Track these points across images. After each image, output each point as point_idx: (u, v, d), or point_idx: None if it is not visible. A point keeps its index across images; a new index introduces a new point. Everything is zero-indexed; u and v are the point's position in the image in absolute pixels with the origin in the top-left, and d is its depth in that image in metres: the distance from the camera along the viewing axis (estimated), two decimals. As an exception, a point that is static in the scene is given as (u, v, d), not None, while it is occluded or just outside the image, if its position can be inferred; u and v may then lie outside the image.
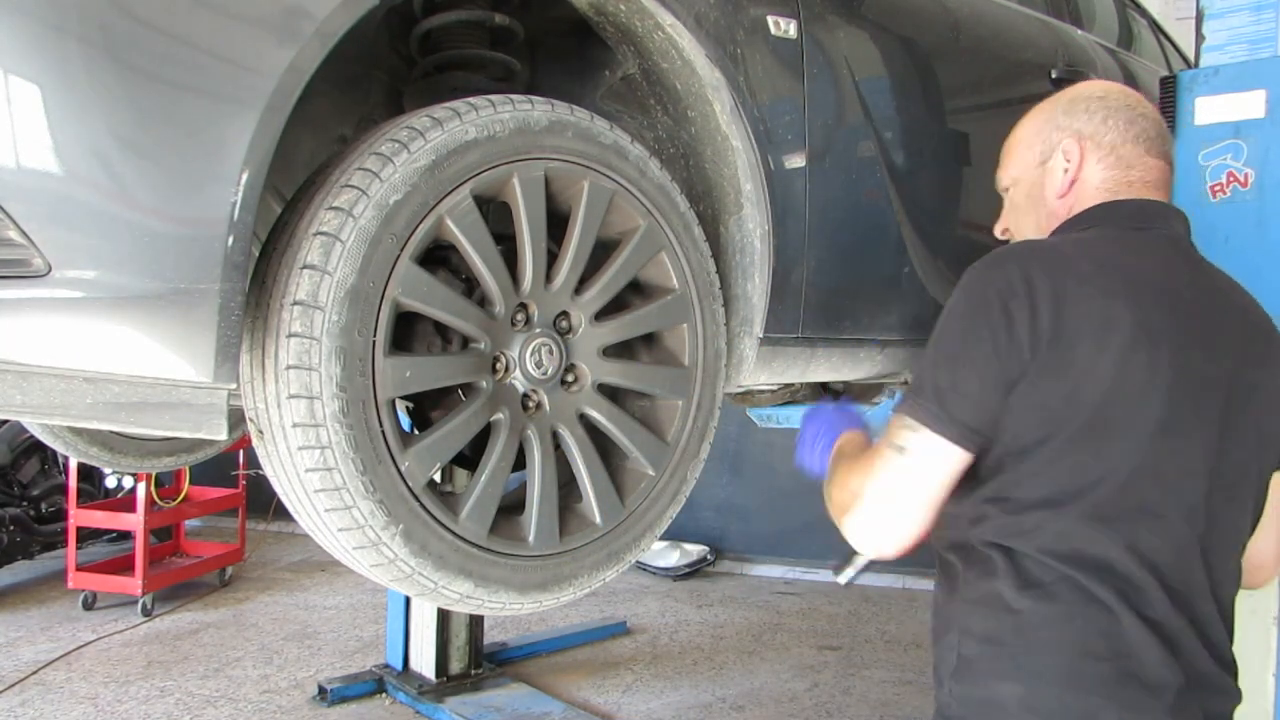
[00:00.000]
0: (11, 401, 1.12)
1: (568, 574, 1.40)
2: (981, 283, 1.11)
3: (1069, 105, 1.27)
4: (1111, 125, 1.23)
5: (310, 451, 1.15)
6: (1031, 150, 1.30)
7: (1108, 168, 1.22)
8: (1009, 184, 1.34)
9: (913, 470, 1.10)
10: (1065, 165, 1.24)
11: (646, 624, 4.54)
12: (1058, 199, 1.25)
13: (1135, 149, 1.22)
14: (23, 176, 1.00)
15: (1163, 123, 1.26)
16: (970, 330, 1.09)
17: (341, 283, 1.15)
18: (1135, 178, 1.22)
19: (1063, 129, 1.26)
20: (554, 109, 1.37)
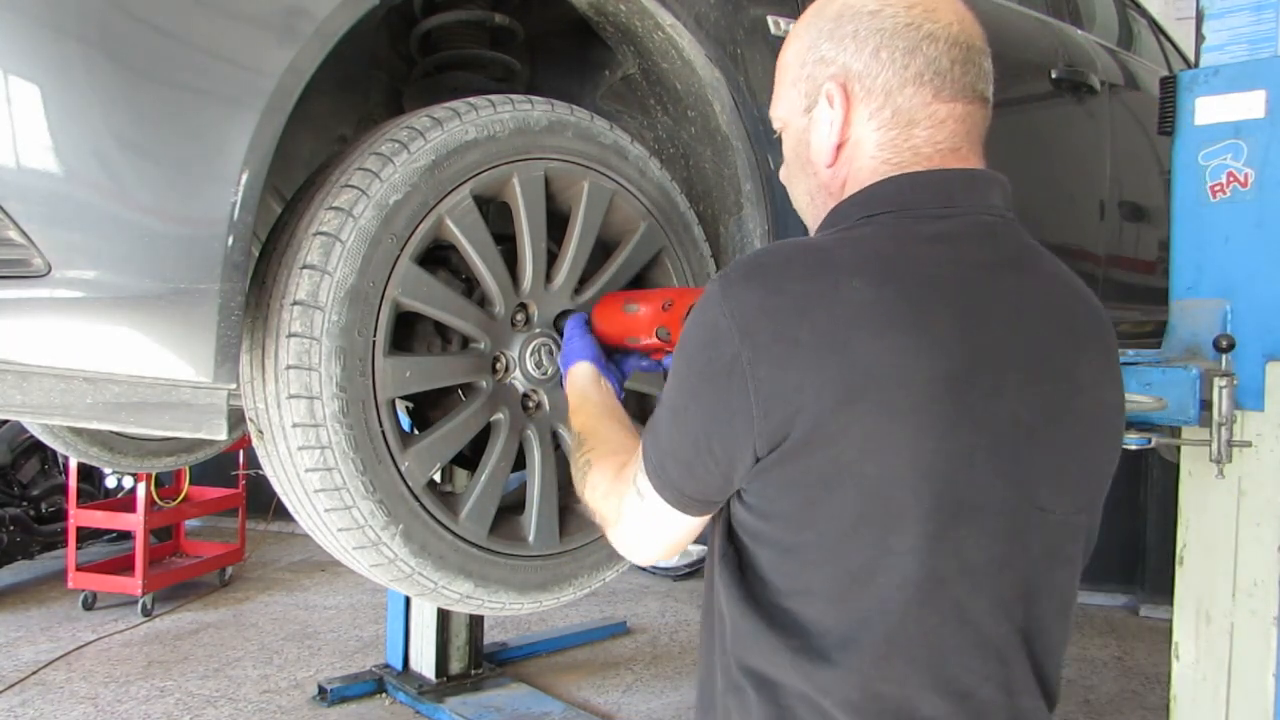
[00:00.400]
0: (11, 401, 1.12)
1: (568, 574, 1.40)
2: (714, 312, 0.81)
3: (834, 25, 0.89)
4: (886, 59, 0.86)
5: (310, 451, 1.15)
6: (795, 87, 0.93)
7: (882, 126, 0.87)
8: (779, 127, 0.99)
9: (650, 518, 0.92)
10: (829, 119, 0.89)
11: (646, 624, 4.53)
12: (826, 168, 0.91)
13: (919, 94, 0.86)
14: (23, 176, 1.00)
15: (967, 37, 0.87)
16: (693, 380, 0.84)
17: (341, 283, 1.15)
18: (922, 139, 0.86)
19: (827, 62, 0.89)
20: (554, 109, 1.37)
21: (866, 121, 0.88)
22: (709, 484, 0.86)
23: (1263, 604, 1.83)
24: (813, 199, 0.96)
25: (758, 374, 0.78)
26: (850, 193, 0.90)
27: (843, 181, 0.91)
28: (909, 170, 0.87)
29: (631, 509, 0.94)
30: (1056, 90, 2.43)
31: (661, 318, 1.24)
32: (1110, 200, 2.67)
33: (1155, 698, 3.54)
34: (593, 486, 1.03)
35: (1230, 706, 1.84)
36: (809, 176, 0.95)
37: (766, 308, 0.79)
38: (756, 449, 0.80)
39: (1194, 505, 1.92)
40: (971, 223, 0.86)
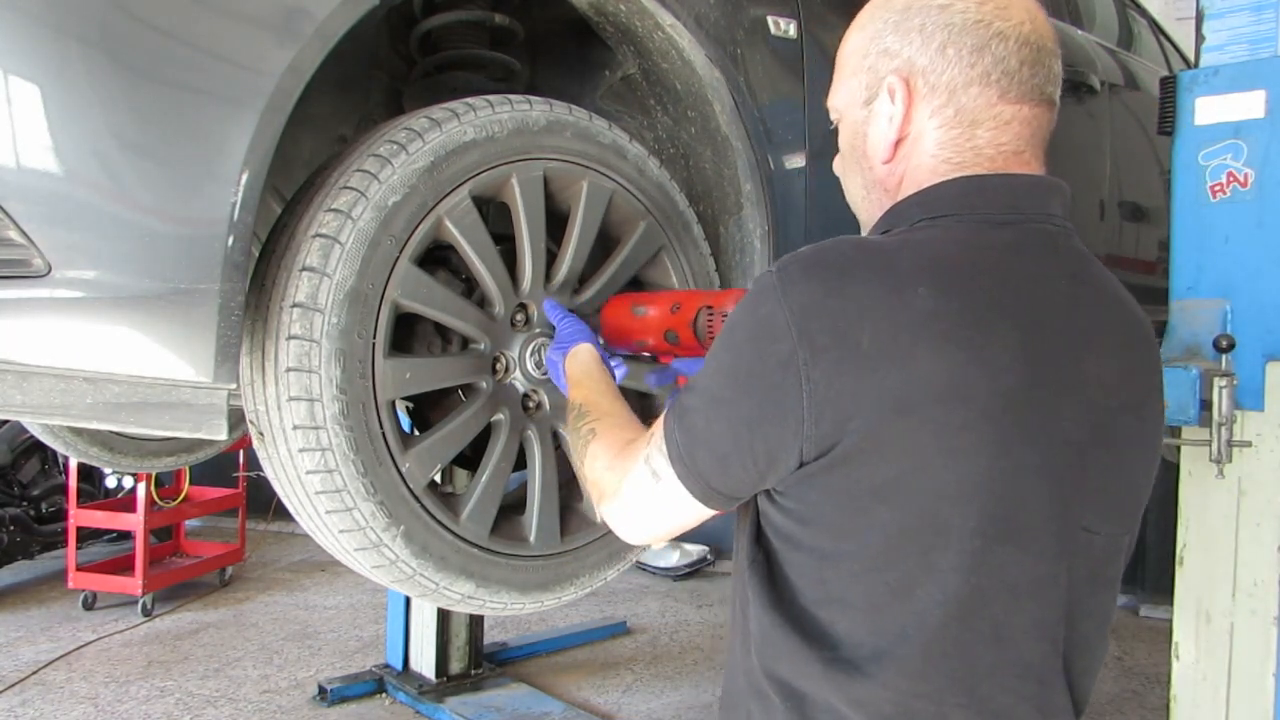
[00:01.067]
0: (11, 401, 1.12)
1: (569, 573, 1.40)
2: (771, 305, 0.78)
3: (901, 16, 0.86)
4: (952, 56, 0.83)
5: (311, 454, 1.15)
6: (856, 78, 0.91)
7: (944, 124, 0.84)
8: (835, 118, 0.97)
9: (662, 502, 0.87)
10: (889, 114, 0.87)
11: (646, 624, 4.53)
12: (883, 164, 0.89)
13: (985, 93, 0.83)
14: (23, 176, 1.00)
15: (1039, 37, 0.84)
16: (742, 373, 0.80)
17: (341, 285, 1.15)
18: (985, 140, 0.84)
19: (891, 54, 0.87)
20: (552, 109, 1.37)
21: (928, 119, 0.86)
22: (742, 481, 0.83)
23: (1263, 604, 1.83)
24: (868, 193, 0.93)
25: (813, 376, 0.75)
26: (907, 190, 0.87)
27: (900, 178, 0.89)
28: (970, 171, 0.84)
29: (639, 488, 0.89)
30: (1056, 90, 2.43)
31: (670, 320, 1.24)
32: (1110, 200, 2.67)
33: (1155, 698, 3.54)
34: (594, 456, 0.98)
35: (1230, 706, 1.84)
36: (864, 171, 0.92)
37: (828, 308, 0.76)
38: (803, 453, 0.77)
39: (1194, 505, 1.92)
40: (1034, 231, 0.83)
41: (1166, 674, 1.96)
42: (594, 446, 1.00)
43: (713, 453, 0.82)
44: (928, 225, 0.83)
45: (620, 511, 0.93)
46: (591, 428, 1.02)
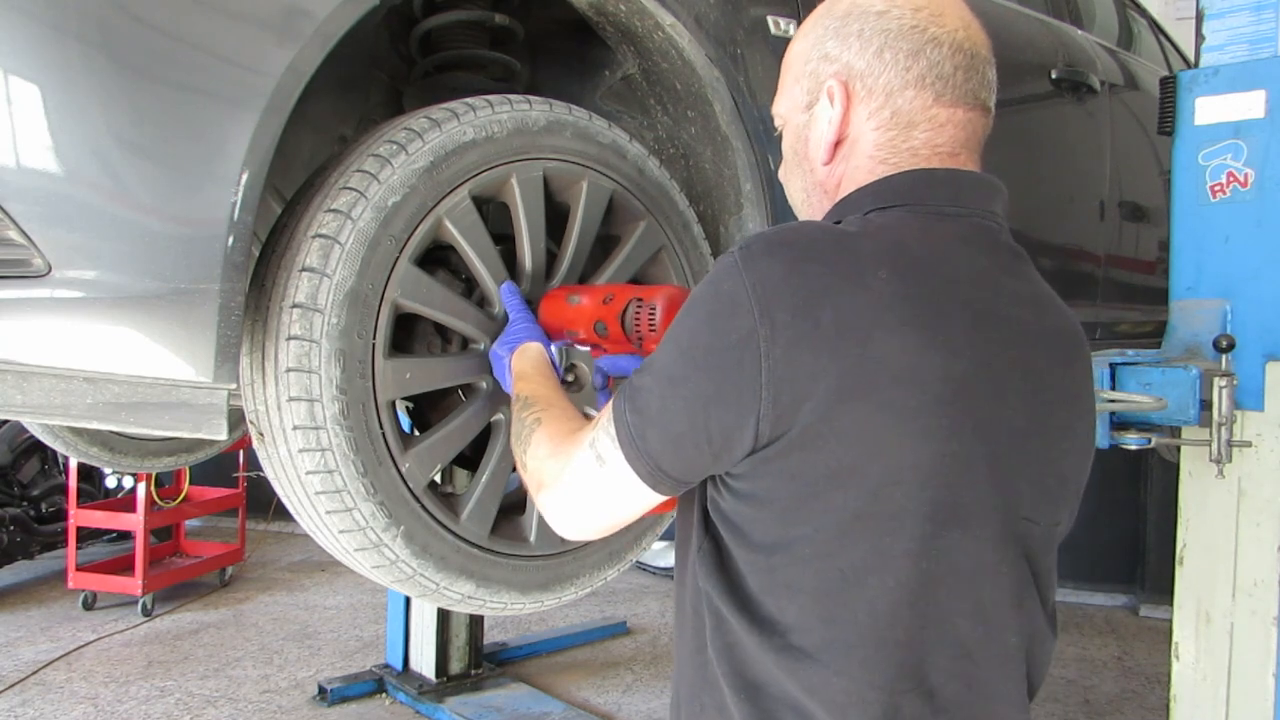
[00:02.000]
0: (11, 401, 1.12)
1: (570, 573, 1.40)
2: (732, 283, 0.77)
3: (841, 22, 0.89)
4: (890, 60, 0.85)
5: (311, 454, 1.15)
6: (798, 84, 0.93)
7: (880, 126, 0.87)
8: (779, 124, 0.98)
9: (604, 488, 0.85)
10: (829, 116, 0.89)
11: (646, 624, 4.53)
12: (823, 166, 0.91)
13: (920, 98, 0.86)
14: (23, 176, 1.00)
15: (972, 44, 0.87)
16: (699, 351, 0.79)
17: (340, 285, 1.15)
18: (920, 141, 0.86)
19: (830, 59, 0.89)
20: (552, 109, 1.37)
21: (865, 120, 0.87)
22: (694, 463, 0.82)
23: (1263, 604, 1.83)
24: (808, 196, 0.95)
25: (772, 353, 0.75)
26: (846, 190, 0.89)
27: (839, 179, 0.90)
28: (902, 169, 0.87)
29: (581, 474, 0.87)
30: (1056, 90, 2.43)
31: (600, 311, 1.21)
32: (1110, 200, 2.67)
33: (1155, 698, 3.54)
34: (536, 444, 0.95)
35: (1230, 706, 1.84)
36: (805, 174, 0.94)
37: (790, 285, 0.76)
38: (759, 434, 0.77)
39: (1194, 505, 1.92)
40: (977, 225, 0.86)
41: (1166, 674, 1.96)
42: (537, 435, 0.96)
43: (665, 433, 0.81)
44: (879, 214, 0.84)
45: (558, 500, 0.89)
46: (537, 417, 0.99)
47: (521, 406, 1.05)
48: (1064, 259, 2.37)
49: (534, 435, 0.97)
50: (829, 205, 0.91)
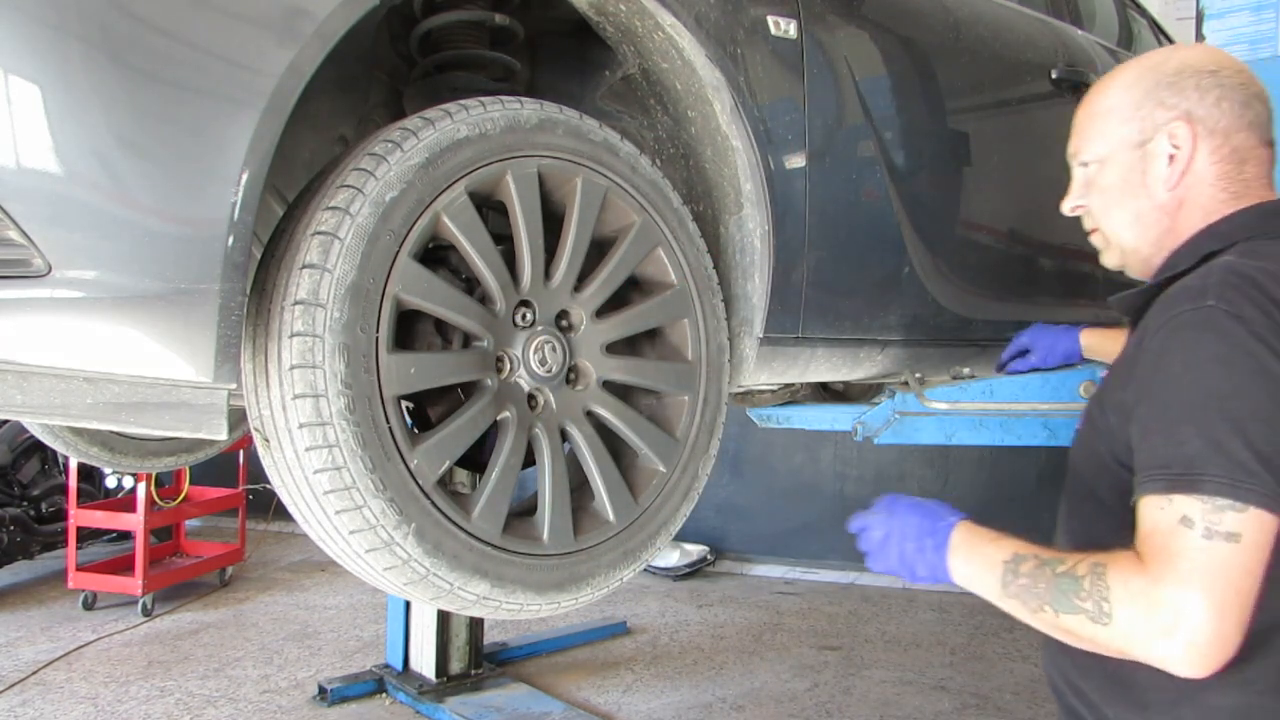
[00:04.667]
0: (11, 401, 1.12)
1: (585, 573, 1.39)
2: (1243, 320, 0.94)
3: (1175, 78, 1.11)
4: (1226, 109, 1.09)
5: (318, 452, 1.14)
6: (1127, 125, 1.14)
7: (1221, 160, 1.10)
8: (1092, 160, 1.19)
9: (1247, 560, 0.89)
10: (1172, 152, 1.10)
11: (646, 624, 4.54)
12: (1166, 191, 1.12)
13: (1249, 138, 1.10)
14: (23, 176, 1.00)
15: (1270, 99, 1.12)
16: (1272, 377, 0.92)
17: (342, 280, 1.15)
18: (1251, 174, 1.10)
19: (1168, 107, 1.11)
20: (543, 107, 1.37)
21: (1207, 156, 1.10)
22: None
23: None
24: (1139, 218, 1.15)
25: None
26: (1188, 211, 1.11)
27: (1179, 203, 1.12)
28: (1243, 199, 1.09)
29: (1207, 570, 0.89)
30: (1056, 90, 2.43)
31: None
32: (1110, 200, 2.67)
33: (1155, 698, 3.53)
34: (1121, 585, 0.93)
35: (1230, 706, 1.84)
36: (1139, 200, 1.14)
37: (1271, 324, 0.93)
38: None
39: (1194, 505, 1.92)
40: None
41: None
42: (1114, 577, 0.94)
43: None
44: (1245, 242, 1.05)
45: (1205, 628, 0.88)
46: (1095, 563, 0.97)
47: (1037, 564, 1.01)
48: (1064, 258, 2.37)
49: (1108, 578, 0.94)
50: (1167, 222, 1.13)
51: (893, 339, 1.92)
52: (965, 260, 2.08)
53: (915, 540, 1.13)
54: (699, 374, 1.53)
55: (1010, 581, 1.02)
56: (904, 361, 2.00)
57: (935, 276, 1.95)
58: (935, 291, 1.96)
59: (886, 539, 1.16)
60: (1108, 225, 1.19)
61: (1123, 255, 1.20)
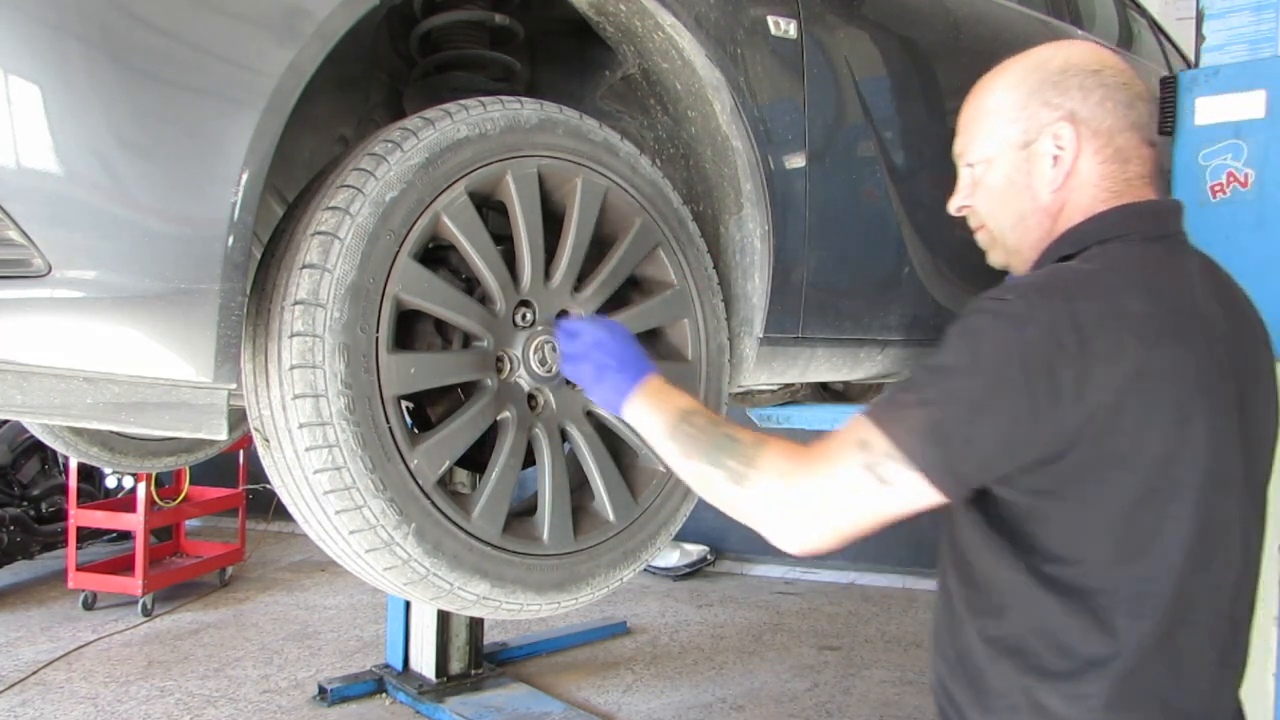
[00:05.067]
0: (11, 401, 1.12)
1: (585, 573, 1.39)
2: (1020, 323, 0.94)
3: (1059, 77, 1.09)
4: (1110, 109, 1.07)
5: (318, 452, 1.14)
6: (1012, 126, 1.12)
7: (1105, 160, 1.08)
8: (978, 161, 1.16)
9: (880, 506, 0.98)
10: (1056, 153, 1.08)
11: (646, 624, 4.54)
12: (1051, 192, 1.10)
13: (1133, 138, 1.08)
14: (23, 176, 1.00)
15: (1151, 99, 1.12)
16: (1004, 382, 0.93)
17: (341, 280, 1.15)
18: (1133, 173, 1.08)
19: (1053, 107, 1.09)
20: (543, 108, 1.37)
21: (1091, 157, 1.08)
22: (999, 471, 0.97)
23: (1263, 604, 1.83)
24: (1023, 219, 1.13)
25: (1067, 378, 0.92)
26: (1070, 212, 1.09)
27: (1062, 204, 1.10)
28: (1123, 198, 1.07)
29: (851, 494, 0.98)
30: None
31: None
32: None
33: (1155, 698, 3.53)
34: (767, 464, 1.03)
35: (1230, 706, 1.84)
36: (1023, 200, 1.12)
37: (1069, 322, 0.93)
38: (1060, 440, 0.93)
39: (1194, 505, 1.92)
40: (1176, 242, 1.08)
41: (1166, 674, 1.96)
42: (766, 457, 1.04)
43: (974, 453, 0.95)
44: (1099, 247, 1.04)
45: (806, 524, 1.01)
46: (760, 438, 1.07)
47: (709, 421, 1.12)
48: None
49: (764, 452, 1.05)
50: (1049, 224, 1.11)
51: (893, 339, 1.92)
52: (965, 260, 2.08)
53: (617, 362, 1.22)
54: (699, 374, 1.53)
55: (680, 426, 1.12)
56: (904, 361, 2.00)
57: (935, 276, 1.95)
58: (935, 291, 1.96)
59: (594, 347, 1.23)
60: (993, 225, 1.17)
61: (1007, 255, 1.18)
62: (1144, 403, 0.93)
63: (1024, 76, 1.12)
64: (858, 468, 0.97)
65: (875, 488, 0.97)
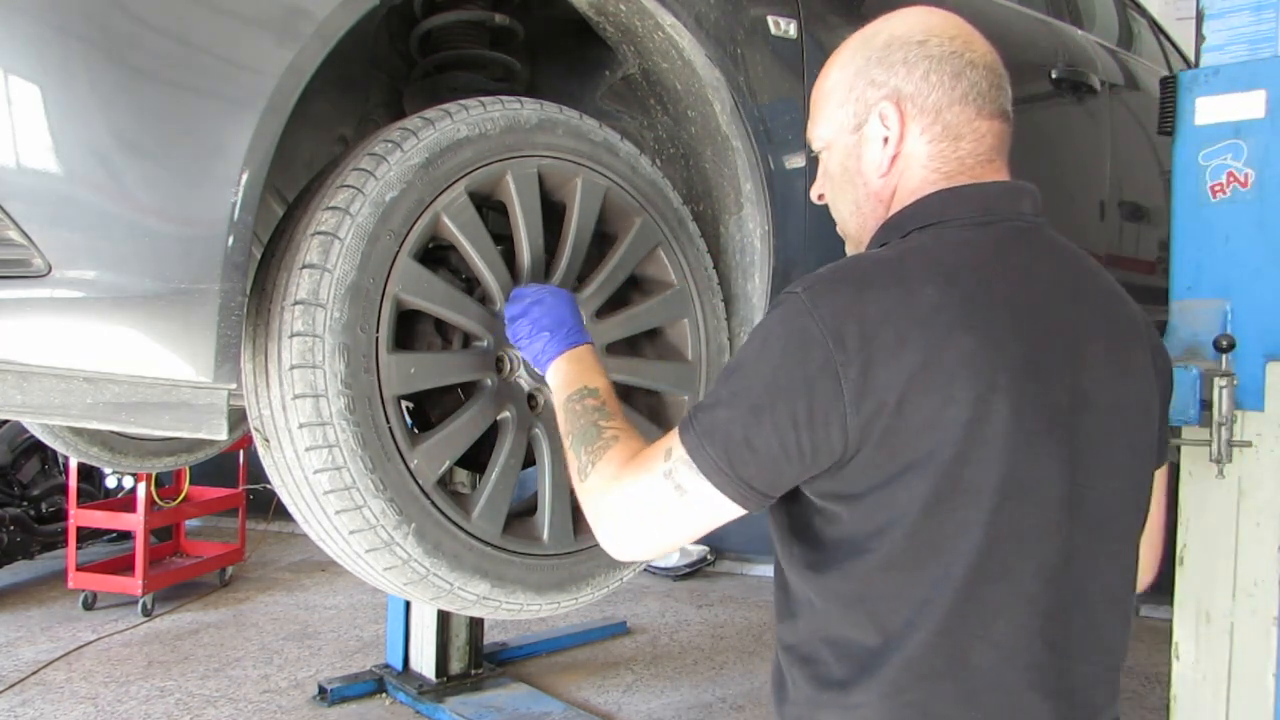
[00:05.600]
0: (11, 401, 1.12)
1: (585, 573, 1.39)
2: (804, 320, 0.89)
3: (884, 52, 1.00)
4: (935, 82, 0.98)
5: (318, 451, 1.14)
6: (843, 109, 1.04)
7: (933, 139, 0.99)
8: (820, 146, 1.10)
9: (683, 515, 0.94)
10: (884, 134, 1.00)
11: (646, 624, 4.54)
12: (879, 178, 1.02)
13: (964, 111, 0.98)
14: (23, 176, 1.00)
15: (997, 64, 1.01)
16: (783, 381, 0.89)
17: (342, 280, 1.15)
18: (966, 151, 0.98)
19: (878, 85, 1.00)
20: (543, 107, 1.37)
21: (919, 135, 0.99)
22: (787, 477, 0.92)
23: (1263, 604, 1.83)
24: (859, 207, 1.06)
25: (849, 374, 0.86)
26: (901, 197, 1.01)
27: (893, 189, 1.02)
28: (955, 179, 0.99)
29: (656, 502, 0.95)
30: (1056, 90, 2.43)
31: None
32: (1110, 200, 2.67)
33: (1155, 698, 3.54)
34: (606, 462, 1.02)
35: (1230, 706, 1.84)
36: (857, 187, 1.05)
37: (854, 315, 0.87)
38: (847, 442, 0.88)
39: (1194, 505, 1.92)
40: (1008, 229, 0.97)
41: (1166, 674, 1.96)
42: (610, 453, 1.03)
43: (757, 457, 0.90)
44: (918, 234, 0.97)
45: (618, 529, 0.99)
46: (614, 434, 1.06)
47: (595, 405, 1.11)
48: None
49: (608, 451, 1.03)
50: (882, 211, 1.03)
51: (893, 339, 1.92)
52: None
53: (552, 328, 1.22)
54: (699, 374, 1.53)
55: (570, 403, 1.12)
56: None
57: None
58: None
59: (533, 304, 1.25)
60: (837, 215, 1.11)
61: (853, 246, 1.10)
62: (931, 401, 0.86)
63: (853, 54, 1.04)
64: (660, 476, 0.95)
65: (675, 497, 0.94)
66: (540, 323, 1.23)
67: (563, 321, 1.23)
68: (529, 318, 1.24)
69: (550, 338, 1.22)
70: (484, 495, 1.29)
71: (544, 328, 1.23)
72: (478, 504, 1.28)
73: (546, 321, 1.23)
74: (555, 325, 1.23)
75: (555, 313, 1.24)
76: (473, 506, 1.27)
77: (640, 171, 1.48)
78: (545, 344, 1.22)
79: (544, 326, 1.23)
